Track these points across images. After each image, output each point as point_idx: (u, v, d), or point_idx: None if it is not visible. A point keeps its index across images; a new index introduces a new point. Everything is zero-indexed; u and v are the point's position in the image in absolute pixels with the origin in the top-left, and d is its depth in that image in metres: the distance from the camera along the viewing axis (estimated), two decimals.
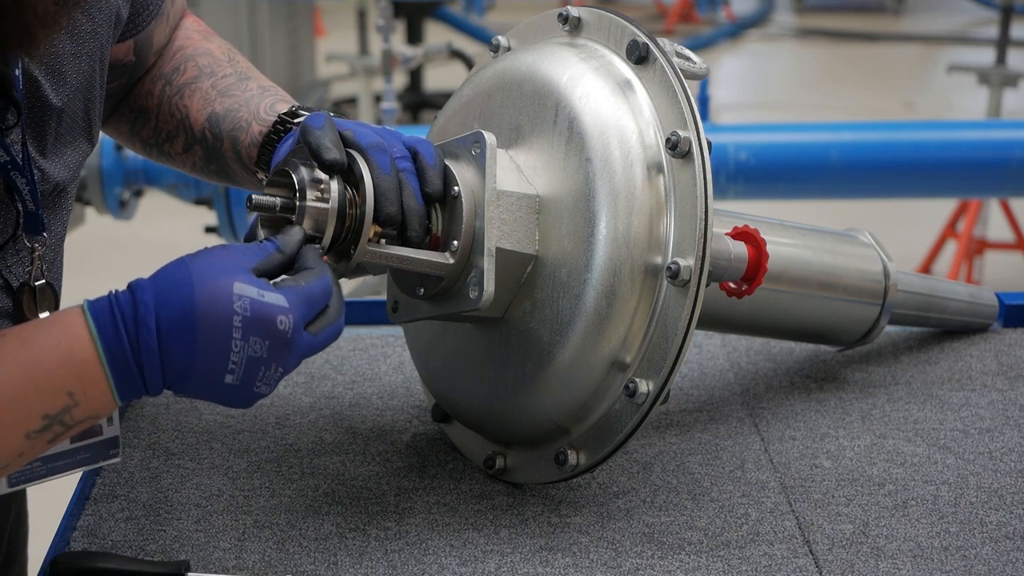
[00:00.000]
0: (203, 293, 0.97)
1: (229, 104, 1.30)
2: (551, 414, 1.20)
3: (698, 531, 1.22)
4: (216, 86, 1.32)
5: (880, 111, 7.94)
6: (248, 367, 0.99)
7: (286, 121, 1.25)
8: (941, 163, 3.17)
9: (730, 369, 1.58)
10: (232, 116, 1.29)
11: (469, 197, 1.15)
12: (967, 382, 1.55)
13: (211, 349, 0.98)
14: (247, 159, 1.28)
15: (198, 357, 0.98)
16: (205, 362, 0.98)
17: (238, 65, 1.35)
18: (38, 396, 0.97)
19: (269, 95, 1.30)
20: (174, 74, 1.34)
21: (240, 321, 0.97)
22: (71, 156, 1.20)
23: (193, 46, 1.37)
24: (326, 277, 1.04)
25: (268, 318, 0.98)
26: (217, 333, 0.97)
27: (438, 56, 5.03)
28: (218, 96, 1.31)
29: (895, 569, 1.16)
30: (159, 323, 0.97)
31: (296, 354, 1.02)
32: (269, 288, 0.99)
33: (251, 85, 1.32)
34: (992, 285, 2.86)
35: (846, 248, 1.47)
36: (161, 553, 1.17)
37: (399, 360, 1.58)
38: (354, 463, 1.34)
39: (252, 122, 1.27)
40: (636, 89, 1.18)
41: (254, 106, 1.28)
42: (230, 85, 1.32)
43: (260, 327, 0.98)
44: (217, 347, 0.98)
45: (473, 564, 1.16)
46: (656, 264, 1.13)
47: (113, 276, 5.79)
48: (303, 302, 1.01)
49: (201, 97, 1.31)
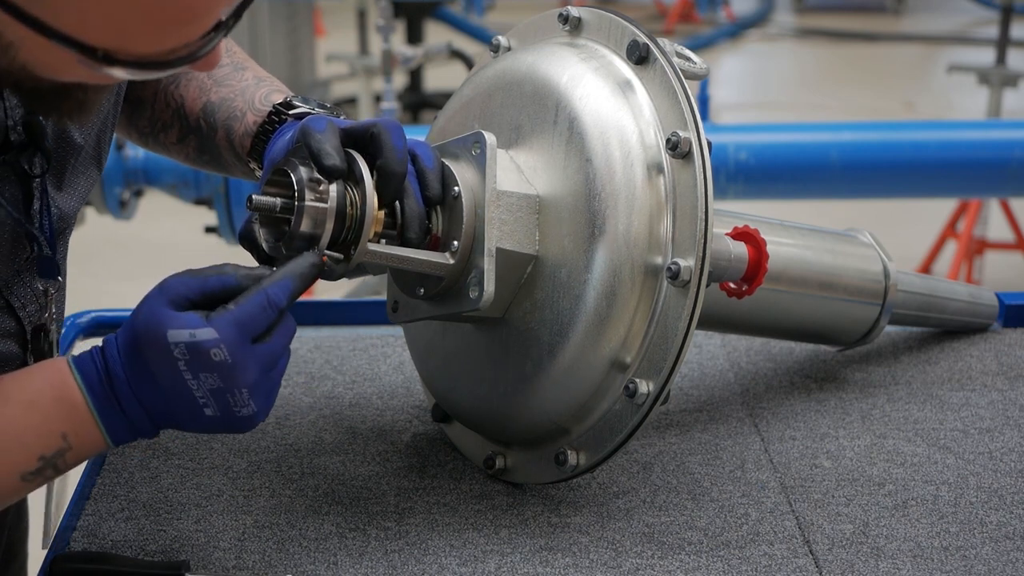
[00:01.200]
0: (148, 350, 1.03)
1: (224, 93, 1.29)
2: (551, 414, 1.20)
3: (698, 531, 1.22)
4: (212, 75, 1.32)
5: (880, 111, 7.94)
6: (216, 398, 1.04)
7: (281, 112, 1.24)
8: (941, 163, 3.17)
9: (730, 369, 1.58)
10: (227, 105, 1.28)
11: (469, 197, 1.15)
12: (967, 382, 1.55)
13: (175, 391, 1.03)
14: (240, 149, 1.27)
15: (169, 400, 1.04)
16: (178, 403, 1.04)
17: (235, 56, 1.35)
18: (35, 436, 1.03)
19: (265, 85, 1.30)
20: None
21: (184, 364, 1.02)
22: (83, 186, 1.22)
23: None
24: (261, 293, 1.05)
25: (204, 354, 1.02)
26: (174, 379, 1.03)
27: (438, 56, 5.03)
28: (214, 85, 1.31)
29: (895, 569, 1.16)
30: (126, 373, 1.04)
31: (251, 370, 1.04)
32: (201, 324, 1.02)
33: (247, 75, 1.31)
34: (992, 285, 2.85)
35: (846, 248, 1.47)
36: (161, 553, 1.17)
37: (399, 360, 1.58)
38: (354, 463, 1.34)
39: (247, 112, 1.27)
40: (636, 89, 1.18)
41: (249, 96, 1.28)
42: (226, 75, 1.31)
43: (200, 363, 1.02)
44: (179, 389, 1.03)
45: (473, 564, 1.16)
46: (656, 264, 1.13)
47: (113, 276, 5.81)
48: (234, 324, 1.03)
49: (197, 86, 1.31)
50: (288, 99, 1.26)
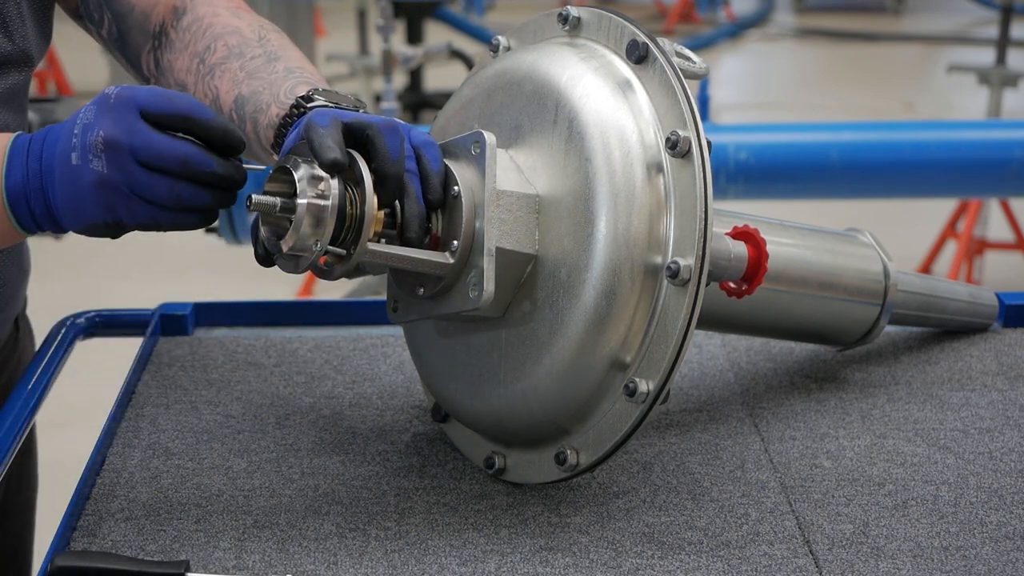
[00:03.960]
0: None
1: (255, 86, 1.30)
2: (551, 414, 1.20)
3: (698, 531, 1.22)
4: (244, 67, 1.32)
5: (880, 111, 7.94)
6: (82, 135, 1.09)
7: (301, 105, 1.24)
8: (941, 163, 3.17)
9: (730, 369, 1.58)
10: (255, 99, 1.29)
11: (469, 197, 1.15)
12: (967, 382, 1.55)
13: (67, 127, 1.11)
14: (265, 141, 1.28)
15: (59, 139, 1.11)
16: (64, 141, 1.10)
17: (268, 44, 1.35)
18: None
19: (293, 77, 1.29)
20: (206, 53, 1.35)
21: (90, 102, 1.11)
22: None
23: (222, 24, 1.37)
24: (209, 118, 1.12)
25: (101, 92, 1.11)
26: (74, 114, 1.12)
27: (438, 56, 5.03)
28: (246, 78, 1.31)
29: (895, 569, 1.16)
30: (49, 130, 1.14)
31: (120, 121, 1.09)
32: None
33: (278, 67, 1.31)
34: (992, 285, 2.85)
35: (846, 248, 1.47)
36: (161, 553, 1.17)
37: (399, 360, 1.58)
38: (354, 463, 1.34)
39: (272, 104, 1.27)
40: (636, 89, 1.18)
41: (276, 88, 1.28)
42: (258, 67, 1.32)
43: (95, 99, 1.11)
44: (70, 122, 1.11)
45: (473, 564, 1.16)
46: (656, 264, 1.13)
47: (113, 276, 5.80)
48: (146, 92, 1.11)
49: (230, 79, 1.32)
50: (310, 92, 1.25)
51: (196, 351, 1.59)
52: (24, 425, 1.34)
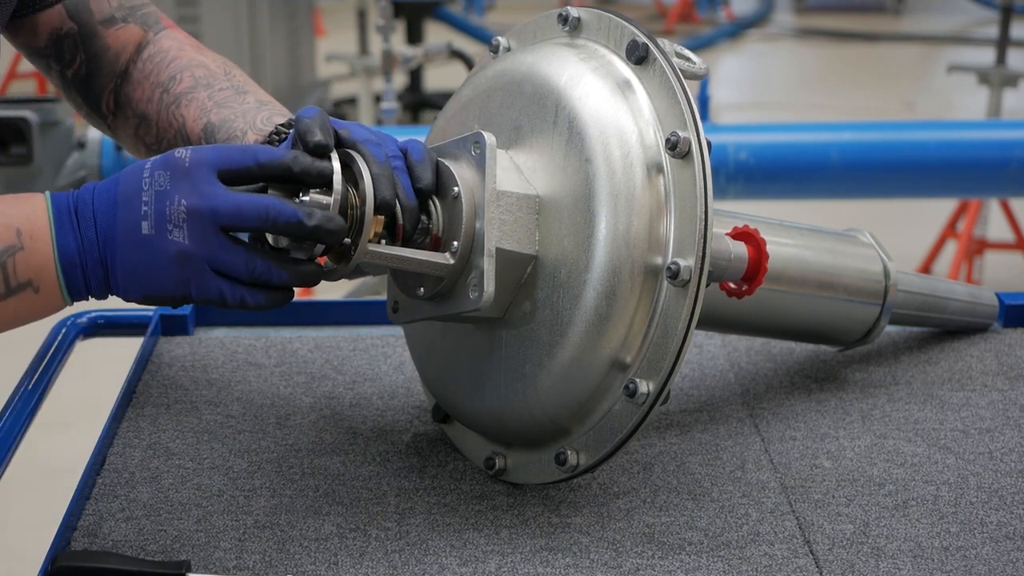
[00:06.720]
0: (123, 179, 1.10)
1: (225, 115, 1.30)
2: (551, 414, 1.20)
3: (698, 531, 1.22)
4: (213, 97, 1.32)
5: (880, 111, 7.94)
6: (157, 203, 1.06)
7: (282, 131, 1.25)
8: (941, 163, 3.16)
9: (730, 369, 1.58)
10: (228, 126, 1.29)
11: (469, 197, 1.15)
12: (967, 382, 1.55)
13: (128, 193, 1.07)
14: None
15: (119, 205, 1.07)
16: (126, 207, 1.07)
17: (235, 79, 1.35)
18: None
19: (266, 109, 1.30)
20: (171, 83, 1.34)
21: (149, 165, 1.08)
22: None
23: (188, 57, 1.37)
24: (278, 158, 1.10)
25: (168, 155, 1.08)
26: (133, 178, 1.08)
27: (438, 56, 5.03)
28: (215, 107, 1.31)
29: (895, 569, 1.16)
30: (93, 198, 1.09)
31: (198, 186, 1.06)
32: None
33: (248, 99, 1.32)
34: (992, 285, 2.84)
35: (846, 248, 1.47)
36: (161, 553, 1.17)
37: (399, 360, 1.58)
38: (354, 463, 1.34)
39: (248, 131, 1.27)
40: (636, 89, 1.18)
41: (251, 117, 1.28)
42: (227, 98, 1.32)
43: (162, 163, 1.08)
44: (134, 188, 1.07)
45: (473, 564, 1.16)
46: (656, 264, 1.13)
47: None
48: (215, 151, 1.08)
49: (198, 107, 1.31)
50: (290, 120, 1.26)
51: (196, 351, 1.59)
52: (24, 425, 1.34)
